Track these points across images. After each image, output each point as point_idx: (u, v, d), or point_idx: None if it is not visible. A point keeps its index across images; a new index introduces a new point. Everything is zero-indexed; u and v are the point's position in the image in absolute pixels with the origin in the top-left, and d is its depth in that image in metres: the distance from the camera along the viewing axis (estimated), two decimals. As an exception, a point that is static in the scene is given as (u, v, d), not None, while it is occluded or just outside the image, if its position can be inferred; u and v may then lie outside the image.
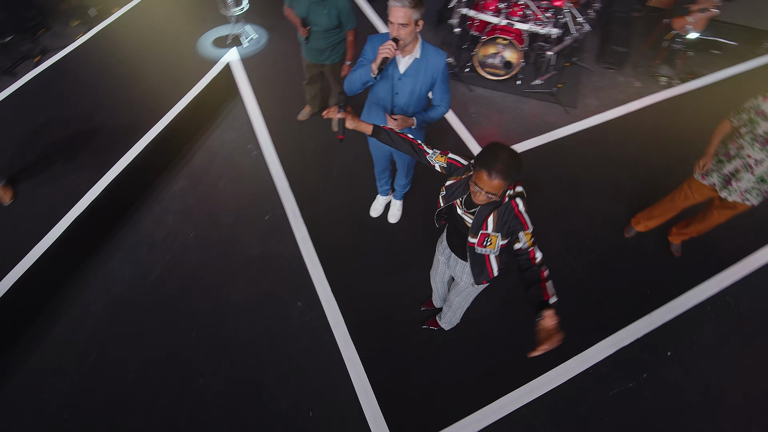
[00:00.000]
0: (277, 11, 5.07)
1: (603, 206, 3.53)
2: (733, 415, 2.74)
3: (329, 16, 2.97)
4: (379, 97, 2.32)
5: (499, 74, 4.77)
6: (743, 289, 3.27)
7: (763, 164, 2.40)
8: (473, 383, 2.65)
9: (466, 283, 2.12)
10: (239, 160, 3.97)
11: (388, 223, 3.29)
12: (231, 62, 4.29)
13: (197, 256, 3.33)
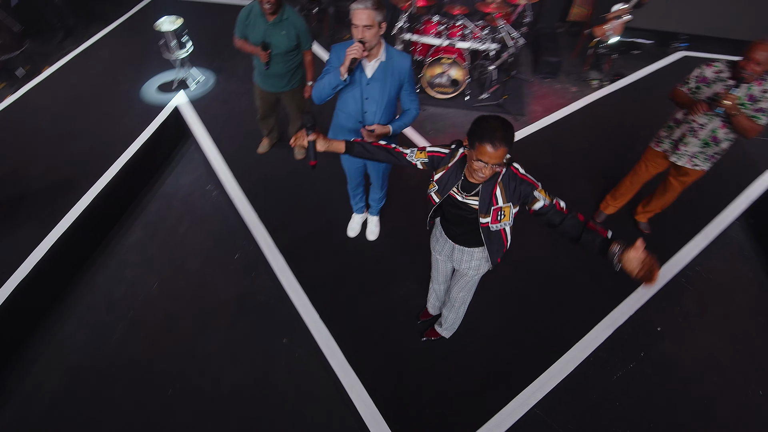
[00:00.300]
0: (221, 53, 5.06)
1: (570, 196, 3.64)
2: (731, 378, 2.80)
3: (288, 37, 2.96)
4: (348, 106, 2.30)
5: (447, 92, 4.96)
6: (708, 258, 3.45)
7: (705, 128, 2.61)
8: (481, 389, 2.54)
9: (471, 273, 2.07)
10: (199, 202, 3.77)
11: (368, 241, 3.20)
12: (179, 105, 4.16)
13: (164, 308, 3.04)
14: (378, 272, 3.02)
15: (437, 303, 2.64)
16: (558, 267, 3.16)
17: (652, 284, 1.47)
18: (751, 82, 2.41)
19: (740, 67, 2.37)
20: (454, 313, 2.41)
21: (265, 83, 3.25)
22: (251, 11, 2.96)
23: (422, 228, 3.28)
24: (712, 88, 2.53)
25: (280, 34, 2.94)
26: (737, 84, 2.42)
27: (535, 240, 3.30)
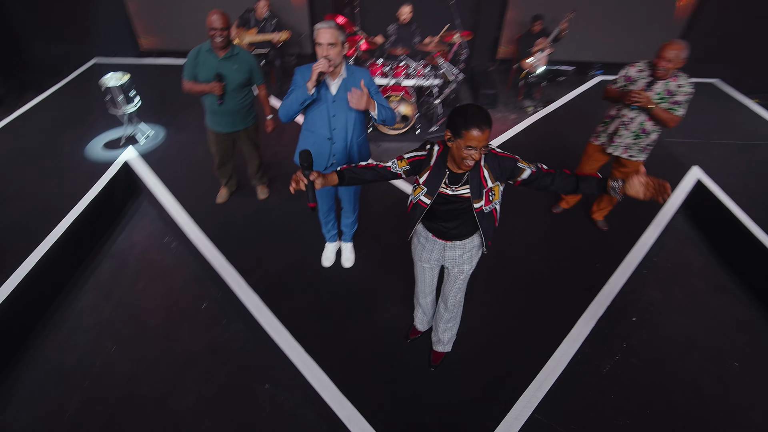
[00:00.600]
0: (170, 107, 5.01)
1: (528, 197, 3.82)
2: (708, 353, 2.92)
3: (240, 71, 2.99)
4: (316, 124, 2.34)
5: (398, 128, 5.19)
6: (662, 249, 3.70)
7: (635, 121, 2.93)
8: (483, 398, 2.45)
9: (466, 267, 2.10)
10: (157, 256, 3.55)
11: (344, 269, 3.13)
12: (129, 161, 4.01)
13: (125, 371, 2.74)
14: (359, 298, 2.94)
15: (425, 318, 2.59)
16: (533, 270, 3.24)
17: (667, 197, 1.61)
18: (666, 78, 2.75)
19: (655, 65, 2.72)
20: (453, 320, 2.37)
21: (219, 124, 3.20)
22: (200, 51, 2.99)
23: (397, 249, 3.30)
24: (636, 85, 2.87)
25: (232, 69, 2.97)
26: (655, 80, 2.76)
27: (506, 250, 3.39)
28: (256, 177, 3.67)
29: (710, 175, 4.06)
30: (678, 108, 2.81)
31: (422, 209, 1.89)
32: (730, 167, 4.24)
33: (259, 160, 3.55)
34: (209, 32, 2.85)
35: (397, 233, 3.46)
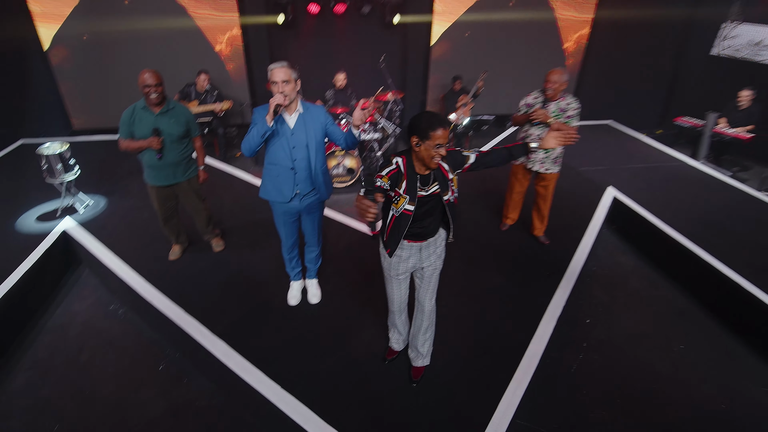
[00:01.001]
0: (110, 178, 4.89)
1: (480, 220, 4.08)
2: (657, 341, 3.20)
3: (178, 123, 3.07)
4: (278, 156, 2.47)
5: (345, 180, 5.43)
6: (597, 259, 4.10)
7: (541, 135, 3.43)
8: (466, 407, 2.44)
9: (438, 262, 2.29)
10: (102, 325, 3.28)
11: (311, 305, 3.08)
12: (68, 230, 3.78)
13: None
14: (330, 330, 2.89)
15: (401, 338, 2.61)
16: (493, 281, 3.42)
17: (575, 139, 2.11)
18: (556, 98, 3.37)
19: (545, 89, 3.34)
20: (430, 329, 2.44)
21: (159, 177, 3.17)
22: (134, 109, 3.03)
23: (362, 283, 3.34)
24: (535, 104, 3.44)
25: (170, 122, 3.04)
26: (548, 102, 3.36)
27: (465, 261, 3.56)
28: (208, 230, 3.61)
29: (623, 193, 4.66)
30: (572, 121, 3.39)
31: (407, 218, 2.03)
32: (637, 185, 4.90)
33: (206, 212, 3.53)
34: (144, 90, 2.93)
35: (359, 269, 3.52)
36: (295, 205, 2.66)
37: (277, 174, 2.54)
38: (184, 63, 6.04)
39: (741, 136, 5.62)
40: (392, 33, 6.67)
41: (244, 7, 6.14)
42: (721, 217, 4.32)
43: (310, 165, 2.55)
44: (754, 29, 6.07)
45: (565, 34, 7.15)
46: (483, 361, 2.76)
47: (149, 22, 5.98)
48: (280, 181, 2.54)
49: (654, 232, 4.08)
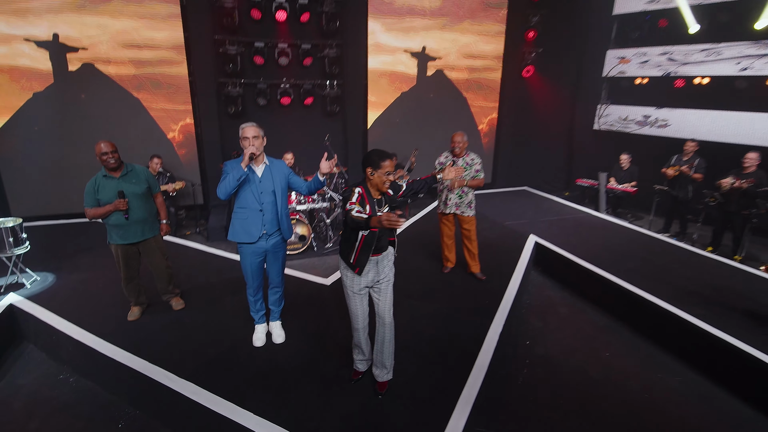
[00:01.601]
0: (56, 256, 4.81)
1: (427, 270, 4.49)
2: (587, 351, 3.68)
3: (139, 183, 3.36)
4: (248, 201, 2.84)
5: (298, 247, 5.75)
6: (530, 294, 4.66)
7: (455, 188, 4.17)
8: (426, 412, 2.63)
9: (391, 274, 2.70)
10: (52, 393, 3.14)
11: (277, 345, 3.21)
12: (15, 303, 3.66)
13: None
14: (298, 363, 3.02)
15: (364, 359, 2.84)
16: (439, 310, 3.77)
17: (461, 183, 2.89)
18: (461, 155, 4.14)
19: (452, 149, 4.13)
20: (391, 343, 2.70)
21: (126, 236, 3.35)
22: (96, 179, 3.30)
23: (321, 322, 3.55)
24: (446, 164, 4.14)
25: (131, 183, 3.34)
26: (456, 159, 4.13)
27: (414, 298, 3.89)
28: (168, 289, 3.70)
29: (543, 238, 5.40)
30: (479, 174, 4.17)
31: (373, 234, 2.47)
32: (553, 232, 5.70)
33: (169, 270, 3.67)
34: (102, 158, 3.24)
35: (318, 313, 3.73)
36: (262, 245, 2.97)
37: (246, 217, 2.89)
38: (138, 149, 6.33)
39: (628, 190, 6.83)
40: (333, 119, 7.56)
41: (197, 101, 6.76)
42: (623, 251, 5.14)
43: (277, 208, 2.94)
44: (619, 108, 7.73)
45: (478, 119, 8.51)
46: (436, 375, 2.99)
47: (103, 112, 6.35)
48: (248, 223, 2.88)
49: (573, 266, 4.75)
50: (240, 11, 6.46)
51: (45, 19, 5.85)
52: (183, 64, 6.58)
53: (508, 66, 8.16)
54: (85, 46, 6.08)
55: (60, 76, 6.07)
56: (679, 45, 6.75)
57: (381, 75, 7.67)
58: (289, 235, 3.11)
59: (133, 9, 6.15)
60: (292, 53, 6.92)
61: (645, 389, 3.25)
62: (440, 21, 7.64)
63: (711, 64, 6.41)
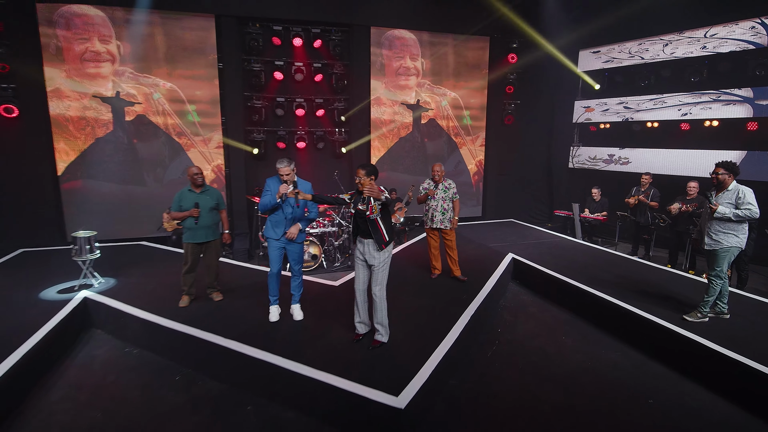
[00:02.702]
0: (114, 266, 5.77)
1: (418, 275, 5.39)
2: (549, 337, 4.51)
3: (211, 200, 4.48)
4: (279, 211, 3.91)
5: (311, 265, 6.72)
6: (506, 299, 5.53)
7: (438, 206, 5.17)
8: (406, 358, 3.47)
9: (376, 260, 3.55)
10: (120, 360, 4.04)
11: (297, 321, 4.13)
12: (88, 295, 4.63)
13: (120, 423, 3.11)
14: (313, 331, 3.92)
15: (361, 321, 3.75)
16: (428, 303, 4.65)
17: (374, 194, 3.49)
18: (440, 181, 5.21)
19: (432, 176, 5.19)
20: (381, 310, 3.60)
21: (196, 236, 4.44)
22: (182, 192, 4.48)
23: (331, 309, 4.43)
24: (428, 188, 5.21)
25: (205, 198, 4.47)
26: (437, 185, 5.16)
27: (410, 294, 4.78)
28: (213, 284, 4.68)
29: (520, 256, 6.32)
30: (456, 196, 5.23)
31: (357, 225, 3.53)
32: (530, 251, 6.61)
33: (217, 269, 4.67)
34: (193, 177, 4.46)
35: (329, 304, 4.64)
36: (283, 241, 4.03)
37: (276, 221, 3.95)
38: (178, 185, 7.51)
39: (599, 218, 7.82)
40: (341, 159, 8.77)
41: (229, 146, 8.02)
42: (586, 264, 6.04)
43: (295, 216, 4.02)
44: (588, 149, 8.90)
45: (467, 160, 9.69)
46: (418, 341, 3.83)
47: (151, 154, 7.62)
48: (277, 225, 3.95)
49: (542, 275, 5.66)
50: (265, 73, 7.88)
51: (110, 80, 7.27)
52: (218, 116, 7.92)
53: (491, 115, 9.47)
54: (140, 101, 7.46)
55: (118, 124, 7.40)
56: (631, 96, 8.02)
57: (382, 123, 8.97)
58: (303, 237, 4.16)
59: (180, 72, 7.59)
60: (307, 106, 8.27)
61: (589, 359, 4.08)
62: (431, 79, 9.05)
63: (658, 111, 7.62)
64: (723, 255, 4.05)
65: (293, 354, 3.51)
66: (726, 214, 3.92)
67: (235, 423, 3.20)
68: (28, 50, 6.78)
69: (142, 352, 4.19)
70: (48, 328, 4.01)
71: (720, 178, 4.09)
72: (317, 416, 3.21)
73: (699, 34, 6.93)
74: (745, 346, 3.71)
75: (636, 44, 7.74)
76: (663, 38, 7.39)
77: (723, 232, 4.00)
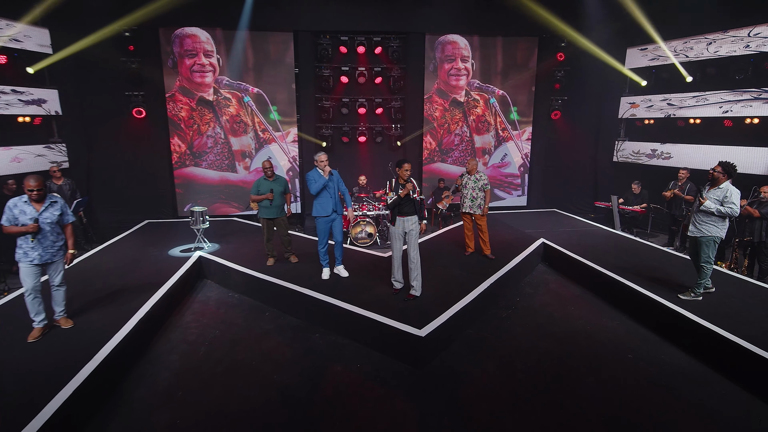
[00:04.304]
0: (215, 235, 7.45)
1: (455, 252, 6.42)
2: (558, 307, 5.38)
3: (280, 186, 5.90)
4: (324, 193, 5.19)
5: (366, 242, 7.98)
6: (530, 276, 6.39)
7: (468, 193, 6.08)
8: (432, 307, 4.56)
9: (414, 230, 4.70)
10: (228, 300, 5.59)
11: (344, 279, 5.41)
12: (202, 255, 6.26)
13: (221, 350, 4.55)
14: (359, 286, 5.16)
15: (396, 280, 4.93)
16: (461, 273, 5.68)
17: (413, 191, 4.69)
18: (474, 173, 6.13)
19: (468, 170, 6.10)
20: (416, 270, 4.72)
21: (269, 213, 5.87)
22: (259, 181, 5.88)
23: (370, 273, 5.64)
24: (463, 179, 6.14)
25: (276, 185, 5.87)
26: (470, 176, 6.10)
27: (448, 266, 5.84)
28: (288, 250, 6.10)
29: (551, 242, 7.07)
30: (487, 186, 6.11)
31: (399, 206, 4.66)
32: (562, 238, 7.31)
33: (289, 238, 6.09)
34: (266, 171, 5.87)
35: (375, 269, 5.84)
36: (331, 217, 5.28)
37: (323, 202, 5.22)
38: (261, 173, 9.12)
39: (636, 210, 8.25)
40: (396, 151, 9.91)
41: (302, 139, 9.50)
42: (608, 250, 6.68)
43: (336, 197, 5.28)
44: (632, 144, 9.22)
45: (513, 153, 10.36)
46: (443, 298, 4.89)
47: (239, 146, 9.29)
48: (325, 205, 5.23)
49: (564, 256, 6.43)
50: (333, 77, 9.19)
51: (211, 87, 8.98)
52: (294, 114, 9.40)
53: (538, 111, 10.05)
54: (234, 104, 9.12)
55: (217, 122, 9.14)
56: (675, 93, 8.26)
57: (433, 119, 9.95)
58: (341, 212, 5.42)
59: (265, 79, 9.13)
60: (368, 105, 9.48)
61: (589, 324, 4.91)
62: (480, 78, 9.82)
63: (700, 108, 7.83)
64: (707, 243, 4.63)
65: (349, 299, 4.77)
66: (710, 208, 4.51)
67: (307, 344, 4.53)
68: (153, 64, 8.65)
69: (240, 296, 5.70)
70: (177, 275, 5.62)
71: (715, 175, 4.65)
72: (363, 341, 4.45)
73: (743, 33, 7.07)
74: (726, 320, 4.35)
75: (681, 42, 7.95)
76: (707, 37, 7.57)
77: (706, 223, 4.59)
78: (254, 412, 3.48)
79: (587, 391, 3.76)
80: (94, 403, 3.48)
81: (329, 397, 3.69)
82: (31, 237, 3.85)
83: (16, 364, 3.62)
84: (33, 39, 7.66)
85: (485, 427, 3.35)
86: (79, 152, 8.59)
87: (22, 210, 3.89)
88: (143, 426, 3.33)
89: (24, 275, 3.93)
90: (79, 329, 4.20)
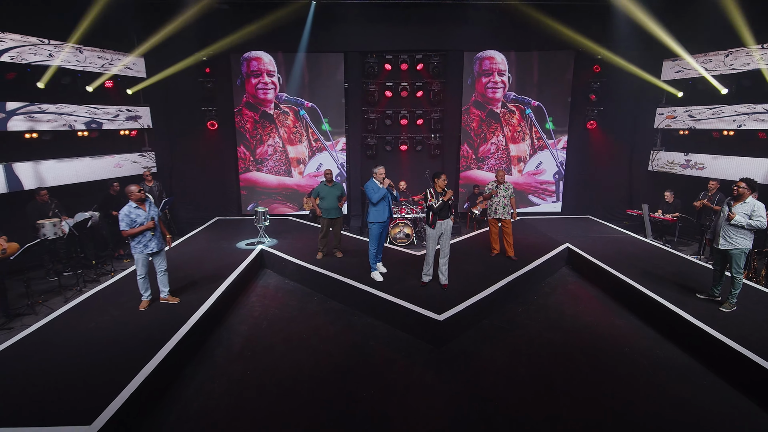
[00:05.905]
0: (274, 233, 8.64)
1: (481, 254, 7.12)
2: (572, 305, 5.97)
3: (337, 191, 6.89)
4: (382, 202, 6.07)
5: (404, 242, 8.85)
6: (552, 277, 6.97)
7: (499, 201, 6.74)
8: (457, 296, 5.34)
9: (449, 230, 5.54)
10: (284, 286, 6.69)
11: (383, 274, 6.31)
12: (263, 248, 7.44)
13: (274, 329, 5.60)
14: (394, 280, 6.04)
15: (426, 273, 5.76)
16: (485, 271, 6.41)
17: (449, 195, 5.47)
18: (503, 182, 6.80)
19: (497, 179, 6.77)
20: (446, 264, 5.57)
21: (328, 214, 6.88)
22: (320, 186, 6.92)
23: (410, 266, 6.50)
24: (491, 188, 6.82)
25: (334, 190, 6.88)
26: (499, 184, 6.76)
27: (473, 264, 6.58)
28: (338, 246, 7.13)
29: (576, 246, 7.56)
30: (513, 194, 6.78)
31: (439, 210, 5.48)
32: (587, 244, 7.78)
33: (339, 236, 7.09)
34: (327, 176, 6.87)
35: (408, 266, 6.69)
36: (385, 223, 6.16)
37: (379, 209, 6.09)
38: (312, 178, 10.27)
39: (667, 218, 8.49)
40: (435, 160, 10.69)
41: (349, 148, 10.55)
42: (632, 257, 7.09)
43: (390, 204, 6.11)
44: (667, 154, 9.38)
45: (548, 161, 10.79)
46: (469, 288, 5.66)
47: (295, 153, 10.50)
48: (382, 212, 6.08)
49: (584, 261, 6.94)
50: (378, 92, 10.15)
51: (272, 102, 10.25)
52: (342, 125, 10.47)
53: (574, 120, 10.42)
54: (291, 117, 10.35)
55: (276, 133, 10.40)
56: (715, 105, 8.39)
57: (471, 130, 10.62)
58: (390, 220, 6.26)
59: (317, 93, 10.27)
60: (409, 117, 10.34)
61: (596, 321, 5.48)
62: (516, 90, 10.36)
63: (733, 119, 7.94)
64: (738, 255, 4.98)
65: (382, 289, 5.68)
66: (741, 223, 4.86)
67: (348, 324, 5.48)
68: (224, 83, 10.05)
69: (294, 283, 6.79)
70: (244, 265, 6.80)
71: (740, 191, 4.99)
72: (393, 324, 5.34)
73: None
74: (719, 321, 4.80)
75: (718, 55, 8.10)
76: (746, 50, 7.70)
77: (736, 237, 4.94)
78: (305, 371, 4.48)
79: (580, 375, 4.40)
80: (187, 355, 4.63)
81: (364, 363, 4.62)
82: (151, 232, 5.10)
83: (133, 326, 4.85)
84: (132, 67, 9.28)
85: (486, 393, 4.12)
86: (164, 159, 10.18)
87: (136, 214, 5.09)
88: (222, 372, 4.43)
89: (140, 263, 5.16)
90: (172, 304, 5.42)
